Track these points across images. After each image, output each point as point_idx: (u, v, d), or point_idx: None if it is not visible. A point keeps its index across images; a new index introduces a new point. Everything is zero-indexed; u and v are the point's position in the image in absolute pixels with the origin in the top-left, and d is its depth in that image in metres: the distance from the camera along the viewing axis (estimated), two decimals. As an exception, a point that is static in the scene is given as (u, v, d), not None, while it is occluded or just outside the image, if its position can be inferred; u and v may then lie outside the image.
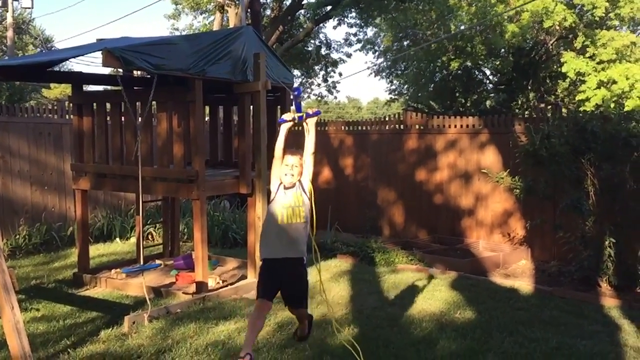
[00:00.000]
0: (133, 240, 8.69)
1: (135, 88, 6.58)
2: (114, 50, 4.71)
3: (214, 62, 5.60)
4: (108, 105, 6.48)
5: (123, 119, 6.17)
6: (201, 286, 5.71)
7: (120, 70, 5.79)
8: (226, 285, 6.12)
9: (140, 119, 5.67)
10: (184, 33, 21.78)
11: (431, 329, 4.87)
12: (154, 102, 5.94)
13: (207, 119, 8.25)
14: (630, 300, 5.74)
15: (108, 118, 6.54)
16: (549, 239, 7.54)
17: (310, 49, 21.47)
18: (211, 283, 6.02)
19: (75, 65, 5.76)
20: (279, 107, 6.78)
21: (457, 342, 4.56)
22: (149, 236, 8.85)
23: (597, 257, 6.24)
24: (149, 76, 6.62)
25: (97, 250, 8.07)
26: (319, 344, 4.49)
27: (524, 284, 6.42)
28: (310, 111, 3.68)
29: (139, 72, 6.96)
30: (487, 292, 6.11)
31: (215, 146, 7.39)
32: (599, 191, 6.27)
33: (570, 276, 6.58)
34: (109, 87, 7.16)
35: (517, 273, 7.18)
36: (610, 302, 5.72)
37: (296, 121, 3.65)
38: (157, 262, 7.07)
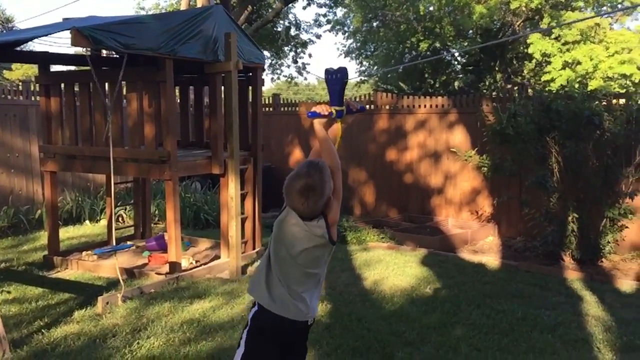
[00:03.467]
0: (103, 222, 8.64)
1: (104, 68, 6.50)
2: (82, 29, 4.65)
3: (185, 42, 5.56)
4: (76, 86, 6.39)
5: (92, 99, 6.09)
6: (174, 266, 5.73)
7: (89, 49, 5.73)
8: (199, 266, 6.15)
9: (109, 99, 5.62)
10: (150, 12, 21.38)
11: (402, 303, 5.00)
12: (123, 83, 5.88)
13: (177, 100, 8.20)
14: (592, 273, 5.97)
15: (77, 99, 6.45)
16: (515, 215, 7.74)
17: (279, 29, 21.32)
18: (184, 263, 6.05)
19: (38, 45, 5.65)
20: (250, 87, 6.78)
21: (427, 315, 4.70)
22: (120, 218, 8.79)
23: (561, 232, 6.45)
24: (117, 56, 6.55)
25: (67, 233, 8.00)
26: (293, 320, 4.57)
27: (491, 259, 6.60)
28: (353, 105, 2.61)
29: (107, 52, 6.86)
30: (456, 267, 6.27)
31: (187, 127, 7.35)
32: (563, 168, 6.46)
33: (536, 251, 6.80)
34: (73, 67, 7.05)
35: (485, 249, 7.37)
36: (573, 275, 5.94)
37: (333, 117, 2.50)
38: (129, 243, 7.04)
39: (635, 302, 5.07)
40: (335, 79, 2.52)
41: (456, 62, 21.72)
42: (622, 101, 6.68)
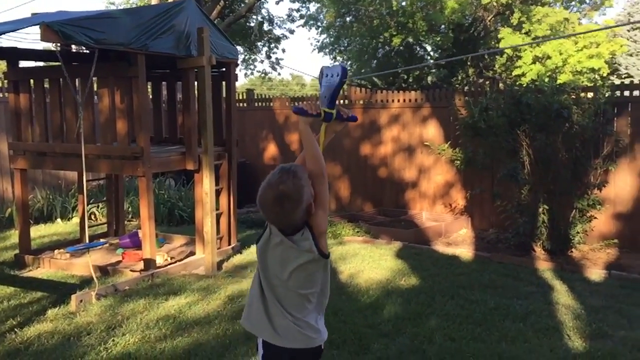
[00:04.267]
0: (75, 220, 8.53)
1: (74, 64, 6.40)
2: (52, 24, 4.57)
3: (157, 37, 5.51)
4: (46, 82, 6.29)
5: (63, 95, 6.01)
6: (149, 263, 5.69)
7: (58, 45, 5.64)
8: (174, 262, 6.12)
9: (80, 95, 5.54)
10: (120, 7, 21.09)
11: (378, 296, 5.05)
12: (94, 78, 5.81)
13: (150, 96, 8.11)
14: (562, 263, 6.10)
15: (47, 95, 6.35)
16: (487, 208, 7.86)
17: (252, 24, 21.22)
18: (159, 260, 6.01)
19: (6, 41, 5.52)
20: (224, 82, 6.75)
21: (402, 307, 4.75)
22: (92, 216, 8.69)
23: (532, 223, 6.57)
24: (87, 51, 6.46)
25: (38, 232, 7.88)
26: (269, 314, 4.58)
27: (465, 251, 6.70)
28: (344, 112, 2.33)
29: (76, 47, 6.76)
30: (430, 259, 6.35)
31: (160, 123, 7.29)
32: (534, 161, 6.58)
33: (508, 242, 6.91)
34: (41, 63, 6.92)
35: (458, 241, 7.47)
36: (544, 265, 6.06)
37: (321, 118, 2.24)
38: (102, 240, 6.97)
39: (603, 291, 5.20)
40: (331, 78, 2.25)
41: (429, 57, 21.89)
42: (590, 94, 6.81)
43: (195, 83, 6.09)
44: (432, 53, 21.58)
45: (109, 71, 5.69)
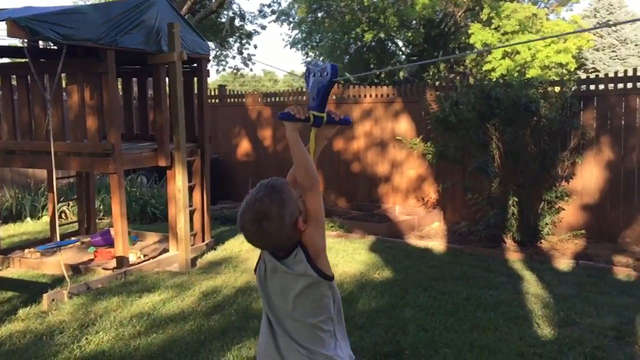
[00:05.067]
0: (45, 219, 8.40)
1: (42, 60, 6.30)
2: (18, 20, 4.51)
3: (126, 32, 5.46)
4: (14, 79, 6.18)
5: (31, 92, 5.91)
6: (122, 261, 5.65)
7: (25, 41, 5.55)
8: (148, 259, 6.08)
9: (49, 92, 5.46)
10: (89, 2, 20.75)
11: (352, 289, 5.09)
12: (63, 75, 5.73)
13: (120, 92, 8.03)
14: (531, 254, 6.23)
15: (14, 92, 6.24)
16: (459, 201, 7.97)
17: (223, 20, 21.08)
18: (132, 257, 5.96)
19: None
20: (195, 78, 6.72)
21: (376, 300, 4.81)
22: (63, 215, 8.56)
23: (502, 215, 6.69)
24: (56, 47, 6.36)
25: (7, 231, 7.74)
26: (244, 309, 4.60)
27: (437, 244, 6.79)
28: (336, 114, 2.06)
29: (44, 43, 6.65)
30: (404, 252, 6.43)
31: (130, 120, 7.22)
32: (503, 154, 6.69)
33: (479, 234, 7.03)
34: (8, 60, 6.80)
35: (431, 234, 7.56)
36: (514, 256, 6.18)
37: (310, 123, 2.02)
38: (73, 239, 6.89)
39: (571, 280, 5.33)
40: (320, 78, 1.99)
41: (400, 53, 22.04)
42: (557, 88, 6.95)
43: (167, 79, 6.05)
44: (403, 48, 21.73)
45: (78, 67, 5.62)
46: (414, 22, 19.28)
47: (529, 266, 5.82)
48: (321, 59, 22.28)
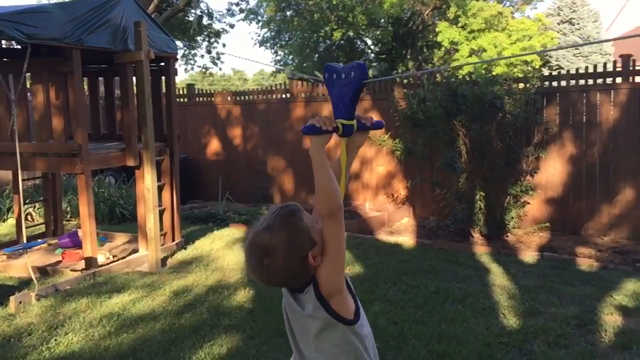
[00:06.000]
0: (10, 222, 8.25)
1: (5, 59, 6.19)
2: (-20, 18, 4.43)
3: (92, 31, 5.40)
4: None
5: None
6: (90, 262, 5.59)
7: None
8: (117, 260, 6.03)
9: (13, 92, 5.38)
10: (53, 1, 20.37)
11: (323, 285, 5.13)
12: (28, 74, 5.65)
13: (86, 92, 7.93)
14: (498, 247, 6.36)
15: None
16: (428, 196, 8.08)
17: (191, 18, 20.92)
18: (101, 258, 5.90)
19: None
20: (163, 77, 6.68)
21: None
22: (29, 217, 8.41)
23: (470, 210, 6.82)
24: (20, 47, 6.25)
25: (-28, 235, 7.59)
26: (215, 307, 4.61)
27: (407, 239, 6.89)
28: (367, 119, 1.80)
29: (7, 43, 6.54)
30: (374, 248, 6.50)
31: (97, 119, 7.14)
32: (470, 150, 6.82)
33: (447, 229, 7.15)
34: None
35: (401, 230, 7.66)
36: (481, 250, 6.31)
37: (339, 134, 1.73)
38: (40, 240, 6.78)
39: (536, 271, 5.47)
40: (345, 80, 1.72)
41: (369, 51, 22.19)
42: (521, 85, 7.11)
43: (134, 78, 6.00)
44: (372, 47, 21.88)
45: (42, 67, 5.55)
46: (382, 20, 19.44)
47: (495, 259, 5.95)
48: (290, 57, 22.30)
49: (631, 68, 6.82)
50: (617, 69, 6.96)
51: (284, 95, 9.70)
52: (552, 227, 7.11)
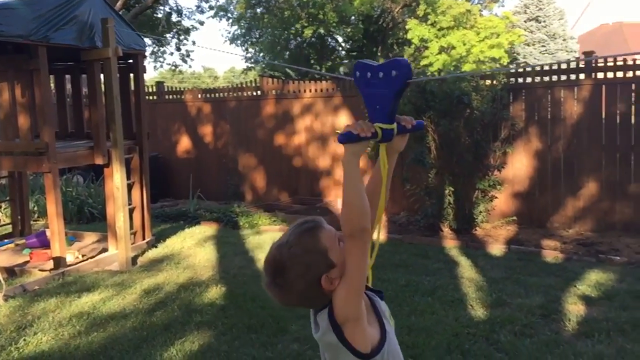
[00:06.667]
0: (-23, 222, 8.08)
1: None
2: (-59, 14, 4.34)
3: (58, 28, 5.33)
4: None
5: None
6: (59, 261, 5.52)
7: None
8: (86, 259, 5.97)
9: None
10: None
11: (294, 281, 5.16)
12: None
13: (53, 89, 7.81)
14: (467, 241, 6.48)
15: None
16: (398, 192, 8.14)
17: (160, 15, 20.71)
18: (70, 258, 5.84)
19: None
20: (132, 74, 6.62)
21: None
22: (-4, 217, 8.27)
23: (439, 205, 6.92)
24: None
25: None
26: (187, 305, 4.61)
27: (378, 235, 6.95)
28: (407, 121, 1.64)
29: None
30: (345, 244, 6.54)
31: (64, 118, 7.05)
32: (439, 145, 6.92)
33: (418, 224, 7.25)
34: None
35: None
36: (450, 244, 6.41)
37: (378, 140, 1.55)
38: (7, 241, 6.67)
39: (503, 264, 5.59)
40: (384, 79, 1.53)
41: (340, 48, 22.27)
42: (488, 82, 7.23)
43: (102, 75, 5.94)
44: (343, 44, 21.95)
45: (8, 64, 5.47)
46: (353, 17, 19.51)
47: (464, 252, 6.05)
48: (261, 55, 22.24)
49: (594, 64, 7.00)
50: (581, 66, 7.13)
51: (254, 93, 9.69)
52: (519, 221, 7.26)
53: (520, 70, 7.78)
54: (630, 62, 6.82)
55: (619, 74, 6.83)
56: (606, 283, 4.87)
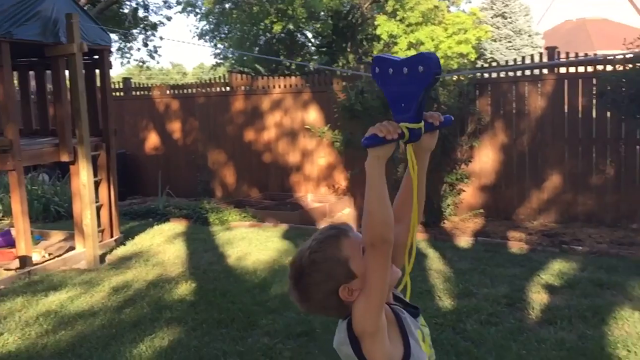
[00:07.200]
0: (-62, 223, 7.89)
1: None
2: None
3: (21, 23, 5.24)
4: None
5: None
6: (25, 261, 5.44)
7: None
8: (53, 258, 5.88)
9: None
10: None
11: (265, 276, 5.19)
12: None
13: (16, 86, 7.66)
14: (435, 234, 6.58)
15: None
16: (368, 187, 8.23)
17: (126, 11, 20.41)
18: (36, 257, 5.75)
19: None
20: (97, 70, 6.54)
21: (289, 284, 4.92)
22: (-42, 217, 8.08)
23: (408, 198, 7.00)
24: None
25: None
26: (156, 301, 4.59)
27: (348, 229, 7.01)
28: (435, 117, 1.55)
29: None
30: (315, 238, 6.58)
31: (29, 114, 6.93)
32: (407, 140, 6.98)
33: (387, 218, 7.31)
34: None
35: (342, 220, 7.78)
36: (419, 237, 6.49)
37: (405, 140, 1.45)
38: (-29, 242, 6.53)
39: (470, 255, 5.69)
40: (409, 75, 1.43)
41: (310, 44, 22.27)
42: (454, 77, 7.33)
43: (67, 71, 5.86)
44: (313, 40, 21.95)
45: (-32, 60, 5.33)
46: (322, 13, 19.52)
47: (432, 245, 6.15)
48: (230, 50, 22.09)
49: (556, 59, 7.16)
50: (544, 61, 7.28)
51: (223, 89, 9.65)
52: (486, 213, 7.39)
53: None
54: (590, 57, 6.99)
55: (581, 69, 7.00)
56: (569, 272, 5.00)
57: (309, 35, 21.86)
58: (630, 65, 6.28)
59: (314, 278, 1.46)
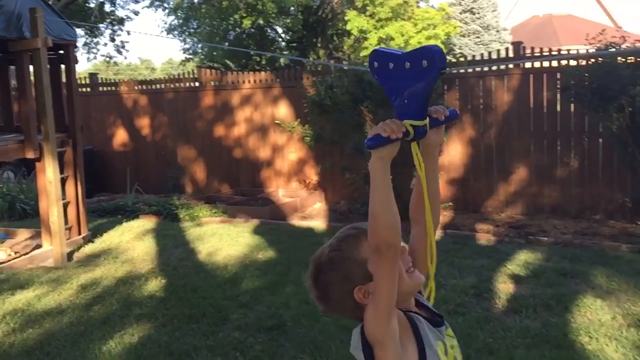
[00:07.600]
0: None
1: None
2: None
3: (-18, 17, 5.13)
4: None
5: None
6: (-10, 260, 5.35)
7: None
8: (19, 256, 5.79)
9: None
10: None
11: (236, 271, 5.19)
12: None
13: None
14: (406, 227, 6.63)
15: None
16: (339, 181, 8.28)
17: (92, 5, 20.06)
18: (2, 255, 5.67)
19: None
20: (63, 65, 6.43)
21: (259, 279, 4.94)
22: None
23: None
24: None
25: None
26: (126, 298, 4.56)
27: (319, 224, 7.05)
28: (440, 112, 1.47)
29: None
30: (287, 233, 6.61)
31: (-8, 111, 6.79)
32: (377, 134, 7.04)
33: (358, 212, 7.37)
34: None
35: (313, 215, 7.82)
36: (389, 230, 6.56)
37: (409, 138, 1.42)
38: None
39: (439, 247, 5.50)
40: (412, 70, 1.35)
41: (280, 39, 22.20)
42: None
43: (31, 67, 5.75)
44: (283, 35, 21.89)
45: None
46: (292, 8, 19.47)
47: (402, 239, 6.19)
48: (200, 46, 21.91)
49: (522, 54, 7.29)
50: (510, 56, 7.41)
51: (192, 84, 9.58)
52: (455, 206, 7.50)
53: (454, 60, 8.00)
54: (555, 52, 7.14)
55: (545, 64, 7.14)
56: (534, 262, 5.12)
57: (279, 30, 21.80)
58: (593, 60, 6.43)
59: (332, 276, 1.43)
